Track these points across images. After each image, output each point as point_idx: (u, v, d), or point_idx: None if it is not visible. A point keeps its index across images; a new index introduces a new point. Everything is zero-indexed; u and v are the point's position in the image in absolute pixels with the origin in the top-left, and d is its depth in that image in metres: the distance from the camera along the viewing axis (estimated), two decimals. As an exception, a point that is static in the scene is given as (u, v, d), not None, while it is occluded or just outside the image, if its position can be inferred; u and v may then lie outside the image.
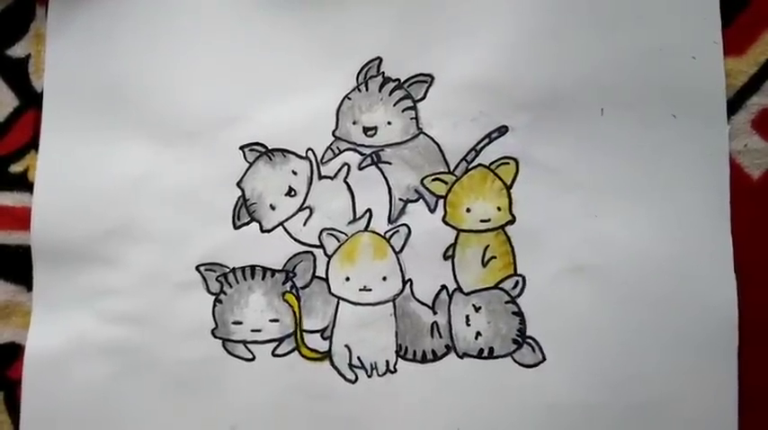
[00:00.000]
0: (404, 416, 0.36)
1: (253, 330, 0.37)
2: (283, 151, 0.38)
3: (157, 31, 0.39)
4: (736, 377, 0.35)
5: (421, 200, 0.37)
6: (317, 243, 0.37)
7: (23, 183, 0.40)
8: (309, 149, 0.38)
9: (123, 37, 0.39)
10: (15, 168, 0.40)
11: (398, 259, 0.37)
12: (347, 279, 0.37)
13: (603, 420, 0.35)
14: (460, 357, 0.36)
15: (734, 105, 0.36)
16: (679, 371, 0.35)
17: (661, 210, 0.35)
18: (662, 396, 0.35)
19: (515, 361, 0.36)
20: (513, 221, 0.36)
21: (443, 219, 0.37)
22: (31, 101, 0.40)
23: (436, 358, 0.36)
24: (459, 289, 0.37)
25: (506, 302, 0.36)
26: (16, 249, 0.39)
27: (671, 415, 0.35)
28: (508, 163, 0.37)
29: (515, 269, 0.36)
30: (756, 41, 0.36)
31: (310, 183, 0.38)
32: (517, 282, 0.36)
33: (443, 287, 0.37)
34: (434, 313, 0.37)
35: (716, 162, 0.35)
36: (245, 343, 0.37)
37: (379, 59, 0.38)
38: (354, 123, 0.38)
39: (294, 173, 0.38)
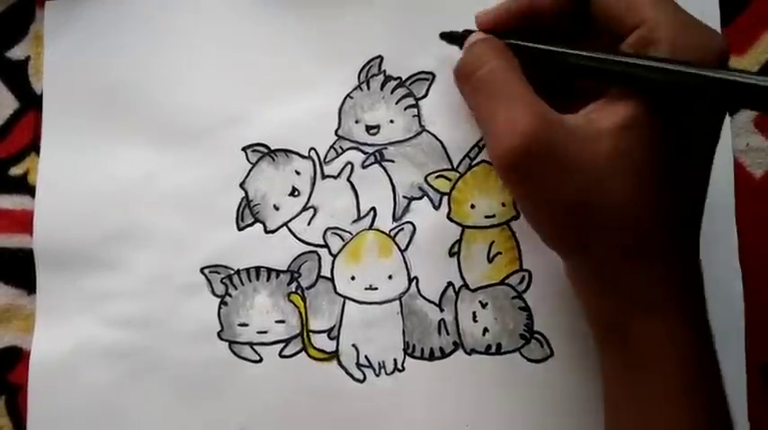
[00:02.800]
0: (412, 413, 0.36)
1: (259, 332, 0.37)
2: (286, 151, 0.38)
3: (157, 32, 0.39)
4: (745, 369, 0.35)
5: (425, 197, 0.37)
6: (322, 242, 0.37)
7: (23, 186, 0.39)
8: (312, 149, 0.38)
9: (122, 38, 0.39)
10: (15, 171, 0.39)
11: (404, 257, 0.37)
12: (353, 278, 0.37)
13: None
14: (468, 354, 0.36)
15: (735, 105, 0.36)
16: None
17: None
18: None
19: (523, 356, 0.36)
20: (517, 216, 0.36)
21: (448, 216, 0.37)
22: (30, 103, 0.40)
23: (444, 355, 0.36)
24: (465, 285, 0.36)
25: (513, 298, 0.36)
26: (16, 252, 0.39)
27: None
28: (512, 158, 0.37)
29: (521, 264, 0.36)
30: (757, 41, 0.36)
31: (314, 183, 0.38)
32: (523, 278, 0.36)
33: (450, 284, 0.37)
34: (441, 310, 0.36)
35: (719, 154, 0.35)
36: (251, 344, 0.37)
37: (380, 58, 0.38)
38: (357, 122, 0.38)
39: (297, 173, 0.38)
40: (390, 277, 0.37)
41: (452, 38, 0.35)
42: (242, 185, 0.38)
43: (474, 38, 0.33)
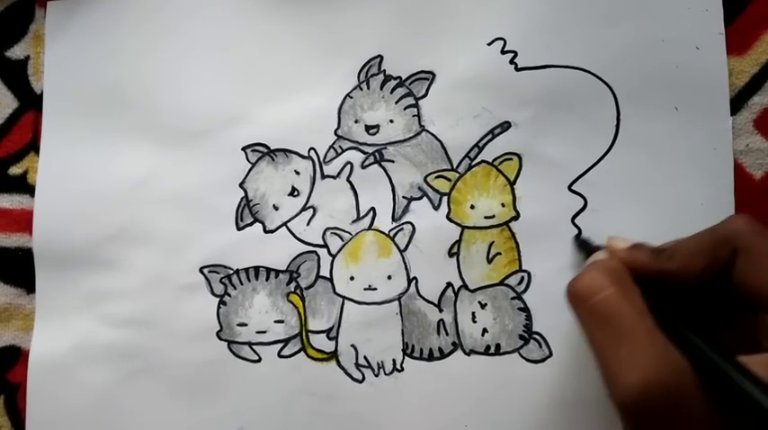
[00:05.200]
0: (411, 414, 0.36)
1: (258, 331, 0.37)
2: (286, 151, 0.38)
3: (157, 32, 0.39)
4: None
5: (424, 197, 0.37)
6: (321, 242, 0.37)
7: (23, 185, 0.39)
8: (312, 149, 0.38)
9: (122, 38, 0.39)
10: (15, 170, 0.40)
11: (403, 257, 0.37)
12: (352, 278, 0.37)
13: (610, 414, 0.35)
14: (467, 354, 0.36)
15: (735, 105, 0.36)
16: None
17: (664, 203, 0.35)
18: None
19: (522, 356, 0.36)
20: (517, 217, 0.36)
21: (447, 217, 0.37)
22: (30, 102, 0.40)
23: (443, 356, 0.36)
24: (464, 286, 0.36)
25: (512, 298, 0.36)
26: (16, 252, 0.39)
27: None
28: (511, 159, 0.37)
29: (520, 265, 0.36)
30: (757, 41, 0.36)
31: (313, 183, 0.38)
32: (522, 278, 0.36)
33: (449, 284, 0.36)
34: (440, 311, 0.36)
35: (719, 155, 0.35)
36: (250, 344, 0.37)
37: (380, 57, 0.38)
38: (356, 122, 0.38)
39: (297, 172, 0.38)
40: (389, 277, 0.37)
41: (584, 246, 0.34)
42: (241, 185, 0.38)
43: (597, 256, 0.31)
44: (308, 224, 0.38)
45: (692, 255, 0.28)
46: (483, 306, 0.36)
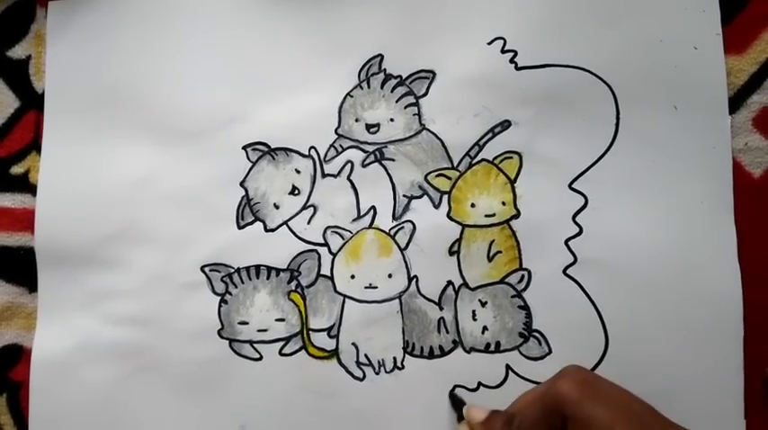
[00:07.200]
0: (412, 411, 0.36)
1: (259, 330, 0.37)
2: (286, 150, 0.38)
3: (158, 32, 0.39)
4: (742, 366, 0.35)
5: (425, 196, 0.37)
6: (322, 241, 0.37)
7: (25, 185, 0.39)
8: (312, 148, 0.38)
9: (123, 38, 0.39)
10: (16, 170, 0.40)
11: (404, 256, 0.37)
12: (352, 277, 0.37)
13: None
14: (467, 352, 0.36)
15: (734, 104, 0.36)
16: (685, 361, 0.35)
17: (664, 201, 0.36)
18: (668, 386, 0.35)
19: (522, 354, 0.36)
20: (517, 215, 0.37)
21: (448, 215, 0.37)
22: (31, 102, 0.40)
23: (443, 353, 0.36)
24: (465, 284, 0.37)
25: (512, 296, 0.36)
26: (18, 251, 0.39)
27: (677, 405, 0.35)
28: (512, 157, 0.37)
29: (521, 263, 0.36)
30: (756, 40, 0.36)
31: (314, 182, 0.38)
32: (523, 277, 0.36)
33: (449, 283, 0.37)
34: (441, 309, 0.37)
35: (718, 153, 0.36)
36: (251, 343, 0.37)
37: (381, 56, 0.38)
38: (357, 121, 0.38)
39: (297, 171, 0.38)
40: (390, 276, 0.37)
41: (456, 404, 0.35)
42: (242, 184, 0.38)
43: None
44: (308, 223, 0.38)
45: (533, 424, 0.30)
46: (483, 304, 0.36)
